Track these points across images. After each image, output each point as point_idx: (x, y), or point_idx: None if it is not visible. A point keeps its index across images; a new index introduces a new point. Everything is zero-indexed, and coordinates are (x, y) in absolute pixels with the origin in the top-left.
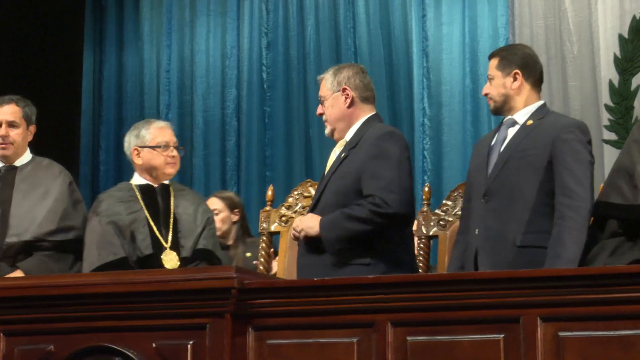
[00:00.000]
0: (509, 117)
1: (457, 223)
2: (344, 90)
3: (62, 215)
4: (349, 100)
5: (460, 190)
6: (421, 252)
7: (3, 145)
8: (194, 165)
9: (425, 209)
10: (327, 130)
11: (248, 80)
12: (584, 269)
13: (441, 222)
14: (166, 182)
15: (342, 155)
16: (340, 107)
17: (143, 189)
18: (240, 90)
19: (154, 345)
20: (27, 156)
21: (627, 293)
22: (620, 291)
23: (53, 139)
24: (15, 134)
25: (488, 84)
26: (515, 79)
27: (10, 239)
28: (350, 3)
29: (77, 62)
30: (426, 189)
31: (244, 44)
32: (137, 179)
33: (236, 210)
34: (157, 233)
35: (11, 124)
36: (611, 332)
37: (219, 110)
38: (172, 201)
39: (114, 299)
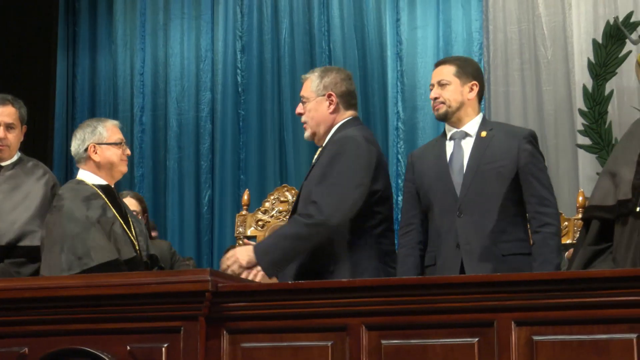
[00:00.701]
0: (457, 129)
1: None
2: (329, 95)
3: (40, 221)
4: (332, 107)
5: None
6: None
7: (0, 147)
8: (168, 168)
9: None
10: (307, 134)
11: (222, 84)
12: (557, 273)
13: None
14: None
15: (314, 161)
16: (323, 112)
17: (104, 189)
18: (215, 94)
19: (128, 348)
20: (14, 156)
21: (601, 297)
22: (594, 295)
23: (26, 142)
24: (12, 136)
25: (438, 89)
26: (471, 90)
27: None
28: (325, 7)
29: (51, 64)
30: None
31: (219, 47)
32: (92, 178)
33: (146, 214)
34: (129, 235)
35: (9, 126)
36: (585, 337)
37: (193, 113)
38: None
39: (88, 301)
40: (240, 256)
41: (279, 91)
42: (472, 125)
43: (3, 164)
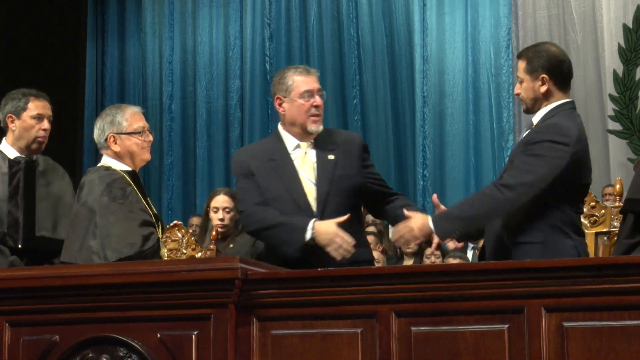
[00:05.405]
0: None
1: None
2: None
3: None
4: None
5: None
6: None
7: (43, 139)
8: (197, 156)
9: None
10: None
11: (251, 71)
12: (588, 259)
13: None
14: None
15: (331, 157)
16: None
17: (131, 175)
18: (244, 81)
19: (158, 335)
20: None
21: (632, 283)
22: (625, 281)
23: (56, 131)
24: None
25: (519, 84)
26: (543, 83)
27: (41, 232)
28: None
29: (80, 54)
30: None
31: (247, 35)
32: (118, 165)
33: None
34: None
35: (49, 119)
36: (615, 323)
37: (223, 101)
38: None
39: (119, 289)
40: (414, 225)
41: None
42: (537, 115)
43: (33, 157)
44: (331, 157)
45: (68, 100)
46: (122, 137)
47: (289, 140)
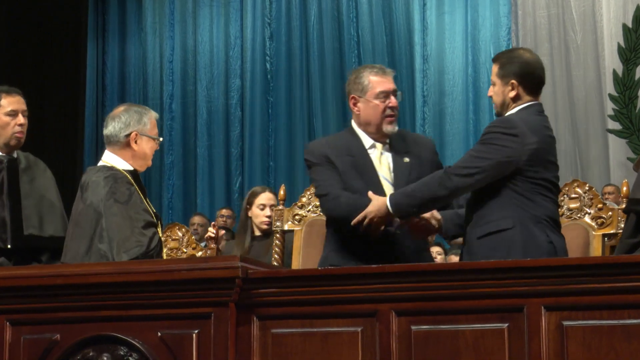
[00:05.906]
0: None
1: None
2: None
3: (63, 216)
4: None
5: None
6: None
7: (20, 135)
8: (198, 155)
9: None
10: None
11: (251, 71)
12: (588, 259)
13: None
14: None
15: (406, 160)
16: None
17: (132, 174)
18: (244, 81)
19: (158, 334)
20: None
21: (631, 282)
22: (625, 280)
23: (57, 130)
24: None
25: (492, 86)
26: (512, 89)
27: (29, 230)
28: None
29: (81, 53)
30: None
31: (247, 35)
32: (122, 164)
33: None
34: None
35: (24, 114)
36: (615, 321)
37: (223, 101)
38: None
39: (119, 288)
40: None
41: (307, 77)
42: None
43: (14, 155)
44: (406, 159)
45: (68, 100)
46: (144, 138)
47: (365, 139)
